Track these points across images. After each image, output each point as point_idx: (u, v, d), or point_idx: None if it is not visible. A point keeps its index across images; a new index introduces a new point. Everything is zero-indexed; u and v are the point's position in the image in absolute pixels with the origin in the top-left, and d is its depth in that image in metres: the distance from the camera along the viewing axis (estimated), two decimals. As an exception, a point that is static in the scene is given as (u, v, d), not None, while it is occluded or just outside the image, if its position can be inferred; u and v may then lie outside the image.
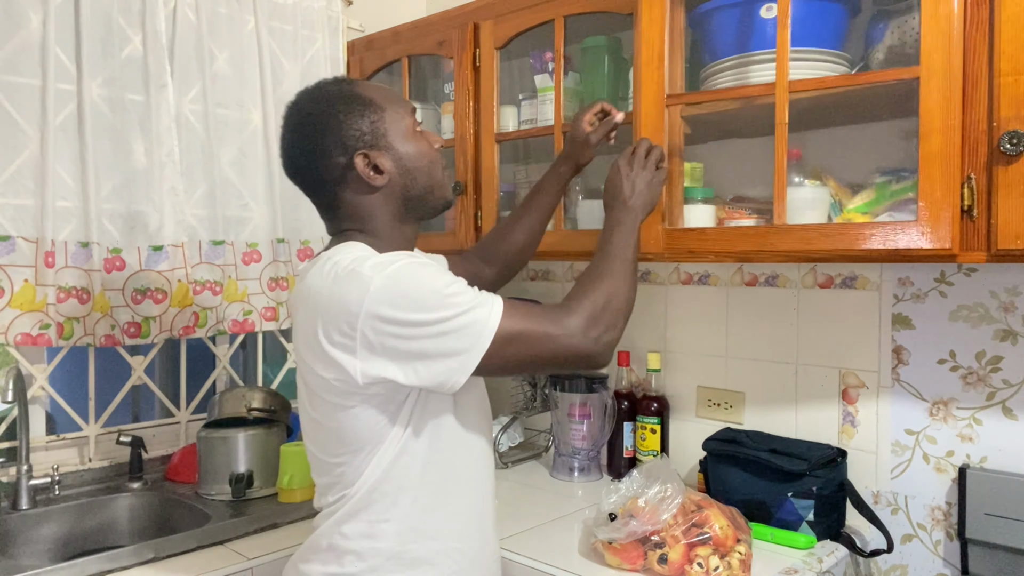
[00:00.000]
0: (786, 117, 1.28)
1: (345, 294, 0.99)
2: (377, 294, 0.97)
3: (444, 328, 0.99)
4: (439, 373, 1.00)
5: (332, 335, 1.00)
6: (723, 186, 1.71)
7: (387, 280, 0.98)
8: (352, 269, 1.00)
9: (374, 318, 0.98)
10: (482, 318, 1.00)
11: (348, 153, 1.08)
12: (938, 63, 1.14)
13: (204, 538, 1.45)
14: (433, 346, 0.99)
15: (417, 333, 0.98)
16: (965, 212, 1.15)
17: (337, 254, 1.05)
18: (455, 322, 0.99)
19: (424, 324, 0.98)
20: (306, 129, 1.10)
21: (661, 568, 1.26)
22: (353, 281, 0.99)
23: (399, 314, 0.97)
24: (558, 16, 1.64)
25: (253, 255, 1.96)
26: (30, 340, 1.62)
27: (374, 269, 0.99)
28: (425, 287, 1.00)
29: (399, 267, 1.00)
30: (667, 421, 1.81)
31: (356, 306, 0.98)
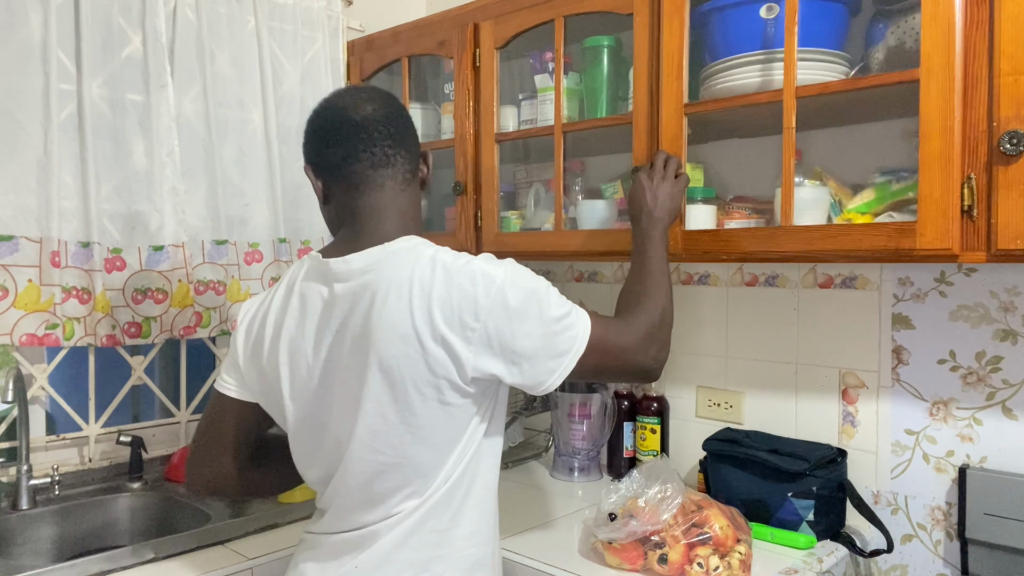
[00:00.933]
0: (793, 121, 1.29)
1: (469, 286, 1.01)
2: (504, 287, 1.02)
3: (555, 327, 1.04)
4: (541, 372, 1.05)
5: (453, 325, 1.00)
6: (723, 186, 1.71)
7: (509, 275, 1.03)
8: (467, 263, 1.03)
9: (499, 311, 1.01)
10: (581, 321, 1.07)
11: (419, 146, 1.19)
12: (938, 64, 1.14)
13: (204, 538, 1.45)
14: (543, 345, 1.04)
15: (533, 329, 1.03)
16: (965, 212, 1.15)
17: (424, 247, 1.06)
18: (565, 321, 1.06)
19: (541, 319, 1.03)
20: (406, 115, 1.17)
21: (661, 568, 1.26)
22: (475, 275, 1.02)
23: (522, 309, 1.02)
24: (558, 16, 1.64)
25: (255, 255, 1.96)
26: (36, 340, 1.61)
27: (493, 264, 1.04)
28: (537, 284, 1.06)
29: (510, 264, 1.06)
30: (667, 421, 1.81)
31: (484, 298, 1.00)
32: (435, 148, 1.93)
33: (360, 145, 1.10)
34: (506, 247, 1.77)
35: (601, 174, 1.92)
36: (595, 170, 1.94)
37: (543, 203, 1.89)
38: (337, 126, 1.10)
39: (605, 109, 1.65)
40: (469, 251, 1.84)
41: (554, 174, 1.68)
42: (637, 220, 1.35)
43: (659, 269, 1.27)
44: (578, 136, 1.71)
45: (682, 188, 1.39)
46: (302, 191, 2.04)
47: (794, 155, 1.30)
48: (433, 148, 1.94)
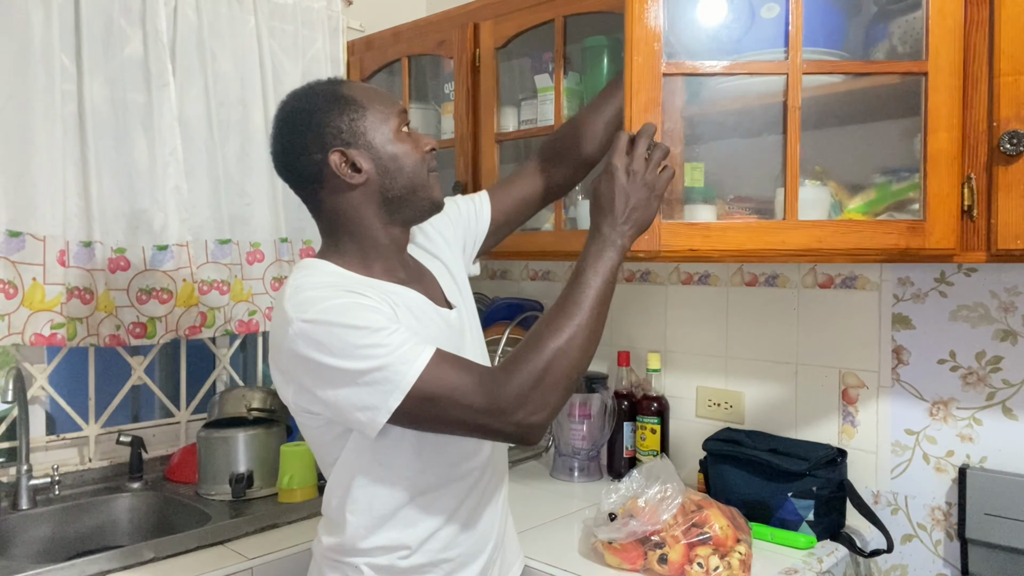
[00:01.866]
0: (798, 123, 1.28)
1: (276, 328, 1.02)
2: (298, 337, 0.96)
3: (359, 380, 0.95)
4: (352, 421, 0.99)
5: (272, 360, 1.05)
6: (723, 186, 1.71)
7: (306, 324, 0.96)
8: (281, 304, 1.00)
9: (295, 358, 0.98)
10: (398, 375, 0.94)
11: (324, 150, 1.05)
12: (945, 59, 1.14)
13: (204, 538, 1.45)
14: (344, 395, 0.96)
15: (331, 380, 0.96)
16: (965, 212, 1.15)
17: (294, 275, 1.05)
18: (374, 375, 0.94)
19: (338, 372, 0.95)
20: (288, 126, 1.08)
21: (661, 568, 1.26)
22: (279, 319, 1.01)
23: (317, 359, 0.96)
24: (558, 16, 1.64)
25: (256, 255, 1.96)
26: (43, 340, 1.61)
27: (297, 309, 0.97)
28: (344, 335, 0.95)
29: (324, 307, 0.97)
30: (667, 421, 1.81)
31: (281, 341, 1.00)
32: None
33: (276, 166, 1.13)
34: (506, 247, 1.76)
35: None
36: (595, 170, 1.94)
37: (543, 203, 1.89)
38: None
39: (605, 109, 1.65)
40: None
41: (554, 174, 1.68)
42: (596, 224, 1.06)
43: (588, 293, 1.01)
44: (578, 136, 1.70)
45: (663, 189, 1.07)
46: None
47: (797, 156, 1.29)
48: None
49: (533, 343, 0.97)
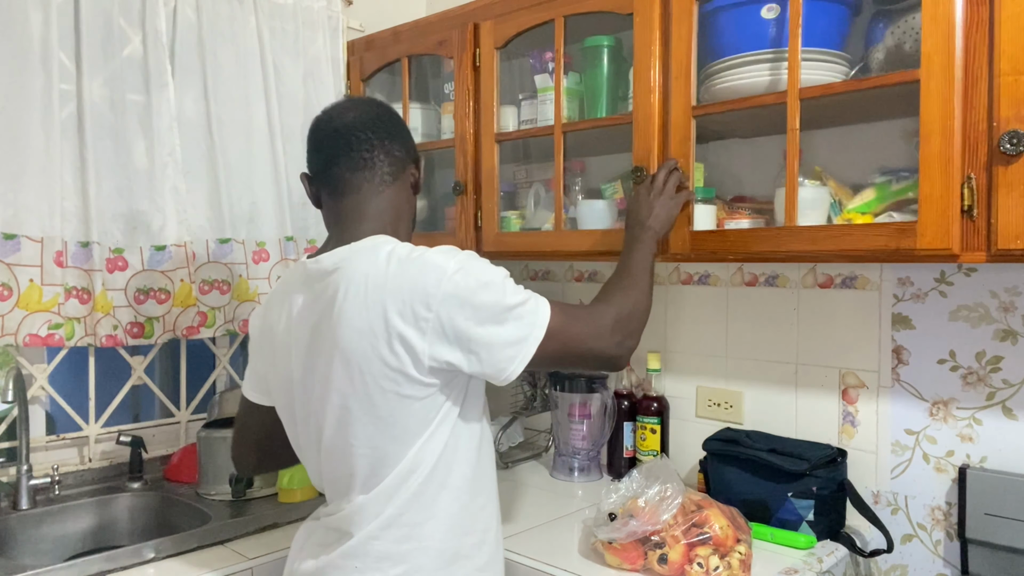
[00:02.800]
0: (797, 123, 1.29)
1: (419, 276, 1.03)
2: (455, 276, 1.03)
3: (510, 315, 1.05)
4: (499, 360, 1.05)
5: (406, 316, 1.03)
6: (723, 186, 1.71)
7: (461, 265, 1.05)
8: (420, 255, 1.06)
9: (452, 299, 1.02)
10: (540, 309, 1.08)
11: (414, 151, 1.23)
12: (938, 65, 1.15)
13: (204, 538, 1.45)
14: (498, 332, 1.04)
15: (488, 316, 1.04)
16: (965, 212, 1.15)
17: (385, 243, 1.09)
18: (520, 309, 1.06)
19: (495, 307, 1.04)
20: (397, 120, 1.21)
21: (661, 568, 1.26)
22: (427, 265, 1.04)
23: (475, 297, 1.03)
24: (558, 16, 1.64)
25: (262, 254, 1.96)
26: (39, 341, 1.61)
27: (446, 255, 1.05)
28: (493, 273, 1.07)
29: (466, 255, 1.07)
30: (667, 421, 1.81)
31: (435, 287, 1.02)
32: (435, 148, 1.94)
33: (339, 150, 1.16)
34: (506, 247, 1.77)
35: (601, 174, 1.92)
36: (595, 170, 1.94)
37: (543, 203, 1.89)
38: (321, 134, 1.19)
39: (605, 109, 1.65)
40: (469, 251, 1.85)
41: (554, 174, 1.68)
42: (630, 228, 1.39)
43: (640, 268, 1.29)
44: (578, 136, 1.71)
45: (680, 202, 1.42)
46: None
47: (797, 155, 1.30)
48: (433, 148, 1.94)
49: (612, 292, 1.22)
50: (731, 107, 1.40)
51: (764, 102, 1.35)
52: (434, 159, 2.11)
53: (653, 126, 1.48)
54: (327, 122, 1.19)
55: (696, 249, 1.44)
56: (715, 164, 1.73)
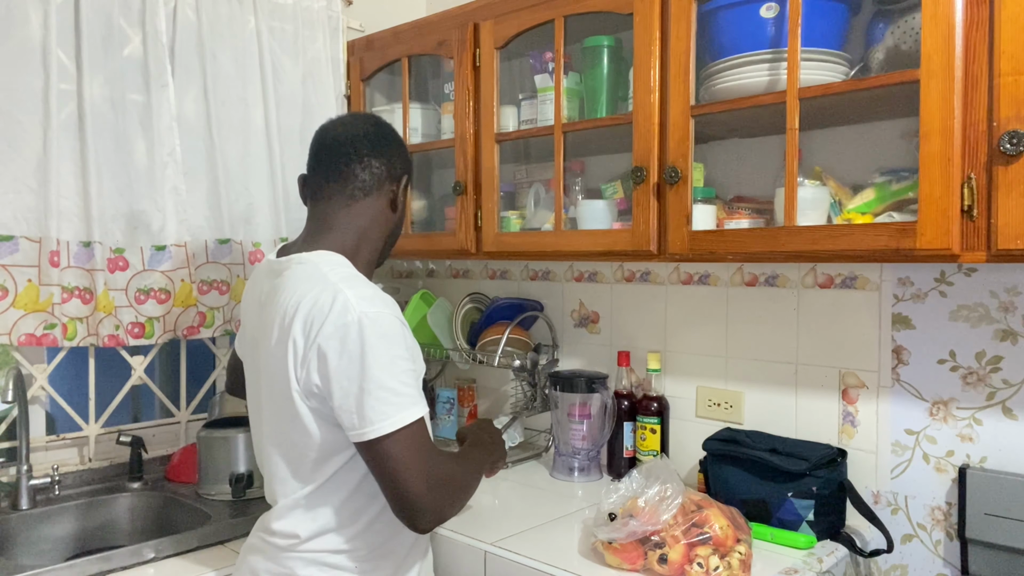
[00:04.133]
0: (796, 123, 1.29)
1: (328, 305, 1.10)
2: (352, 325, 1.08)
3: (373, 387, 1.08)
4: (341, 418, 1.11)
5: (304, 330, 1.13)
6: (723, 186, 1.71)
7: (369, 318, 1.08)
8: (341, 290, 1.10)
9: (337, 342, 1.09)
10: (405, 412, 1.09)
11: (400, 170, 1.26)
12: (938, 65, 1.15)
13: (204, 538, 1.45)
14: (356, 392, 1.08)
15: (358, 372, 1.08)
16: (965, 212, 1.15)
17: (328, 261, 1.17)
18: (384, 392, 1.08)
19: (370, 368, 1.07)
20: (391, 133, 1.27)
21: (661, 568, 1.26)
22: (339, 299, 1.10)
23: (364, 346, 1.07)
24: (558, 16, 1.64)
25: (257, 254, 1.96)
26: (35, 340, 1.62)
27: (368, 303, 1.09)
28: (392, 350, 1.09)
29: (385, 313, 1.11)
30: (667, 421, 1.81)
31: (327, 312, 1.09)
32: (435, 148, 1.93)
33: (322, 159, 1.24)
34: (506, 247, 1.77)
35: (601, 174, 1.92)
36: (595, 170, 1.94)
37: (543, 203, 1.89)
38: (316, 141, 1.27)
39: (605, 109, 1.65)
40: (469, 251, 1.86)
41: (554, 174, 1.68)
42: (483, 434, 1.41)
43: (479, 465, 1.29)
44: (578, 136, 1.71)
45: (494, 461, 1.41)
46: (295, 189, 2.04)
47: (797, 155, 1.30)
48: (433, 148, 1.94)
49: (463, 470, 1.19)
50: (730, 107, 1.40)
51: (763, 102, 1.35)
52: (434, 159, 2.11)
53: (653, 126, 1.48)
54: (324, 131, 1.27)
55: (696, 249, 1.44)
56: (715, 164, 1.72)
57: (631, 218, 1.53)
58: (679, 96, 1.43)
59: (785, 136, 1.30)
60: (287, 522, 1.17)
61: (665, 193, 1.47)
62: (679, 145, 1.44)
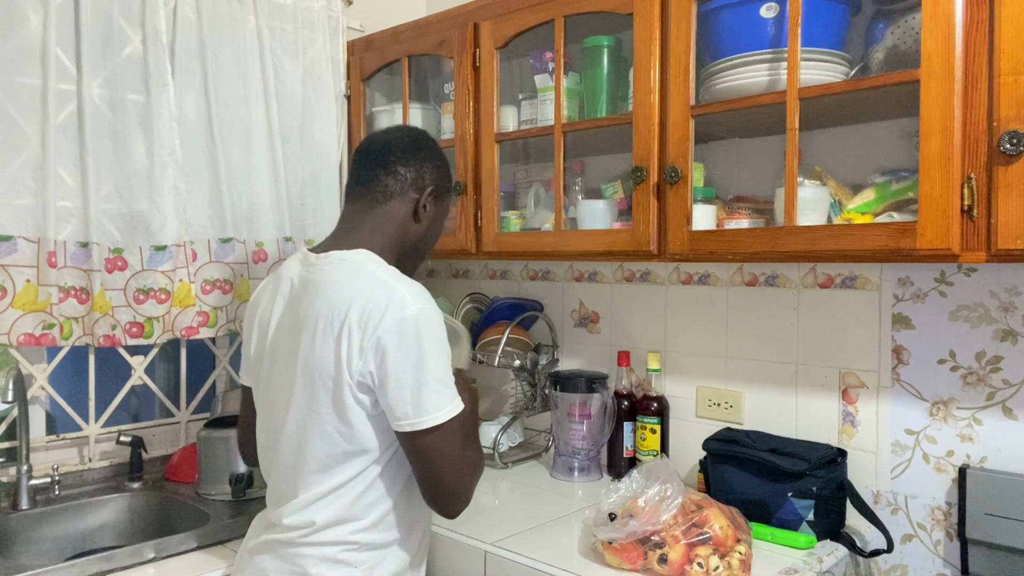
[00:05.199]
0: (796, 123, 1.29)
1: (384, 301, 1.13)
2: (409, 320, 1.11)
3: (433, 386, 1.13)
4: (394, 412, 1.14)
5: (358, 325, 1.13)
6: (723, 186, 1.71)
7: (424, 314, 1.12)
8: (396, 285, 1.14)
9: (396, 335, 1.12)
10: (452, 401, 1.14)
11: (428, 181, 1.27)
12: (938, 65, 1.15)
13: (204, 538, 1.45)
14: (411, 386, 1.12)
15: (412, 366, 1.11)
16: (965, 212, 1.15)
17: (370, 261, 1.20)
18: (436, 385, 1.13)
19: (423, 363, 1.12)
20: (429, 142, 1.31)
21: (661, 568, 1.26)
22: (394, 295, 1.13)
23: (420, 343, 1.12)
24: (558, 16, 1.64)
25: (260, 254, 1.96)
26: (33, 340, 1.62)
27: (419, 299, 1.14)
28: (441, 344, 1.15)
29: (435, 312, 1.15)
30: (667, 421, 1.81)
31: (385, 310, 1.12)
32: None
33: (357, 164, 1.30)
34: (506, 247, 1.77)
35: (601, 174, 1.92)
36: (595, 170, 1.94)
37: (543, 203, 1.89)
38: (359, 147, 1.32)
39: (605, 109, 1.65)
40: (469, 251, 1.86)
41: (554, 174, 1.68)
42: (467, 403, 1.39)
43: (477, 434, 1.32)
44: (578, 136, 1.71)
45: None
46: (307, 190, 2.04)
47: (797, 155, 1.30)
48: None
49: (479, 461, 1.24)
50: (730, 107, 1.40)
51: (763, 102, 1.35)
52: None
53: (653, 126, 1.48)
54: (366, 138, 1.33)
55: (696, 249, 1.44)
56: (715, 164, 1.72)
57: (631, 218, 1.53)
58: (679, 96, 1.44)
59: (785, 136, 1.30)
60: (304, 514, 1.17)
61: (665, 193, 1.47)
62: (679, 145, 1.44)
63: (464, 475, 1.16)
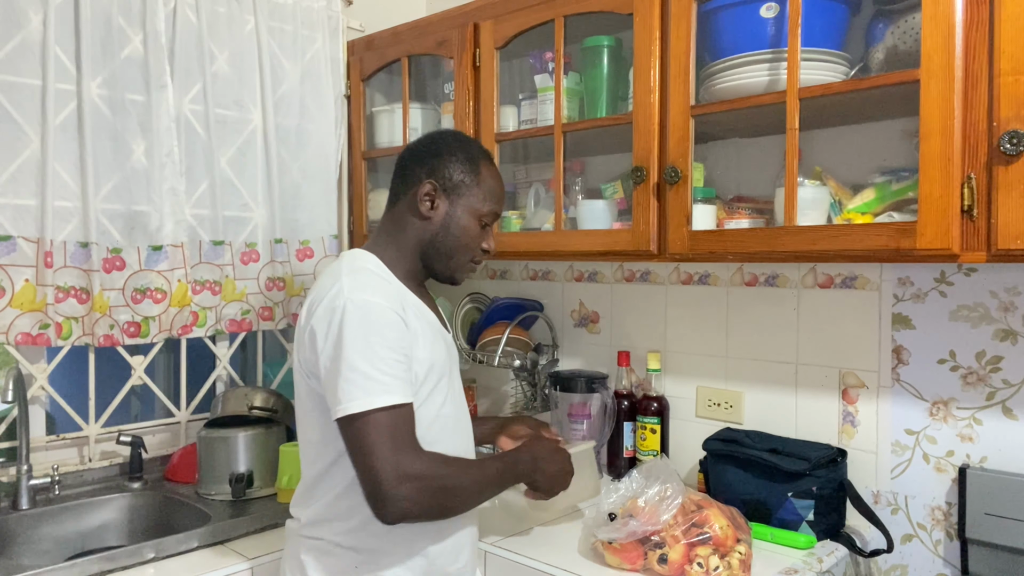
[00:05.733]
0: (796, 123, 1.29)
1: (324, 283, 1.19)
2: (336, 309, 1.13)
3: (345, 370, 1.11)
4: (328, 399, 1.15)
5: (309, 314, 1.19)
6: (723, 186, 1.71)
7: (352, 305, 1.12)
8: (340, 271, 1.18)
9: (324, 323, 1.15)
10: (371, 394, 1.09)
11: (428, 175, 1.26)
12: (938, 65, 1.15)
13: (204, 538, 1.45)
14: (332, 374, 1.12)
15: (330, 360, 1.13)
16: (965, 212, 1.15)
17: (351, 257, 1.24)
18: (354, 377, 1.10)
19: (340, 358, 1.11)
20: (433, 140, 1.31)
21: (661, 568, 1.26)
22: (333, 277, 1.18)
23: (342, 330, 1.12)
24: (558, 16, 1.64)
25: (252, 255, 1.96)
26: (30, 340, 1.62)
27: (358, 291, 1.14)
28: (367, 332, 1.12)
29: (372, 301, 1.13)
30: (667, 421, 1.81)
31: (323, 295, 1.16)
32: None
33: (403, 156, 1.33)
34: (506, 247, 1.77)
35: (601, 174, 1.92)
36: (595, 170, 1.94)
37: (543, 203, 1.89)
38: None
39: (605, 109, 1.65)
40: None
41: (554, 174, 1.68)
42: (525, 453, 1.30)
43: (494, 479, 1.21)
44: (578, 136, 1.71)
45: (555, 492, 1.33)
46: (300, 191, 2.04)
47: (797, 155, 1.30)
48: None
49: (452, 473, 1.14)
50: (730, 107, 1.40)
51: (763, 102, 1.35)
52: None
53: (653, 126, 1.48)
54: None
55: (695, 249, 1.44)
56: (715, 164, 1.73)
57: (631, 218, 1.53)
58: (679, 96, 1.44)
59: (785, 136, 1.30)
60: (295, 503, 1.25)
61: (665, 193, 1.47)
62: (679, 145, 1.44)
63: (399, 480, 1.07)
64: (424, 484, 1.09)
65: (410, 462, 1.09)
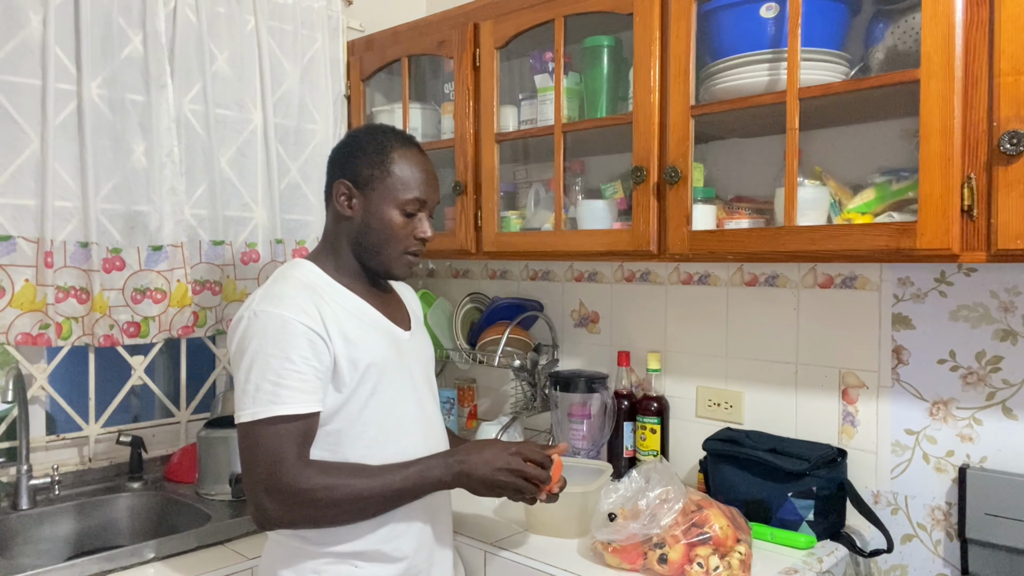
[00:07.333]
0: (796, 123, 1.29)
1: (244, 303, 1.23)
2: (240, 324, 1.17)
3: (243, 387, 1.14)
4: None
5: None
6: (723, 186, 1.71)
7: (254, 319, 1.15)
8: (261, 290, 1.21)
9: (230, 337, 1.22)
10: (256, 407, 1.12)
11: (339, 175, 1.27)
12: (938, 65, 1.15)
13: (204, 538, 1.45)
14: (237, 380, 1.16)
15: (237, 362, 1.16)
16: (965, 212, 1.15)
17: (283, 268, 1.28)
18: (248, 384, 1.13)
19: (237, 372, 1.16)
20: (345, 141, 1.30)
21: (661, 568, 1.26)
22: (250, 299, 1.20)
23: (235, 352, 1.18)
24: (558, 16, 1.64)
25: (252, 255, 1.96)
26: (30, 340, 1.62)
27: (264, 302, 1.16)
28: (260, 348, 1.13)
29: (275, 314, 1.14)
30: (667, 421, 1.81)
31: (235, 319, 1.22)
32: (435, 148, 1.94)
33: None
34: (506, 247, 1.77)
35: (601, 174, 1.92)
36: (595, 170, 1.94)
37: (543, 203, 1.89)
38: None
39: (605, 109, 1.65)
40: (469, 251, 1.86)
41: (554, 174, 1.68)
42: (448, 455, 1.21)
43: (396, 493, 1.15)
44: (578, 136, 1.71)
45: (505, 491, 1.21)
46: (299, 191, 2.04)
47: (797, 155, 1.30)
48: (433, 148, 1.94)
49: (334, 485, 1.12)
50: (730, 107, 1.40)
51: (763, 102, 1.35)
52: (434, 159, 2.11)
53: (653, 126, 1.48)
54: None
55: (695, 249, 1.44)
56: (715, 164, 1.73)
57: (631, 218, 1.53)
58: (679, 96, 1.44)
59: (785, 136, 1.30)
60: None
61: (665, 193, 1.47)
62: (679, 145, 1.44)
63: (268, 492, 1.10)
64: (295, 498, 1.10)
65: (282, 475, 1.10)
